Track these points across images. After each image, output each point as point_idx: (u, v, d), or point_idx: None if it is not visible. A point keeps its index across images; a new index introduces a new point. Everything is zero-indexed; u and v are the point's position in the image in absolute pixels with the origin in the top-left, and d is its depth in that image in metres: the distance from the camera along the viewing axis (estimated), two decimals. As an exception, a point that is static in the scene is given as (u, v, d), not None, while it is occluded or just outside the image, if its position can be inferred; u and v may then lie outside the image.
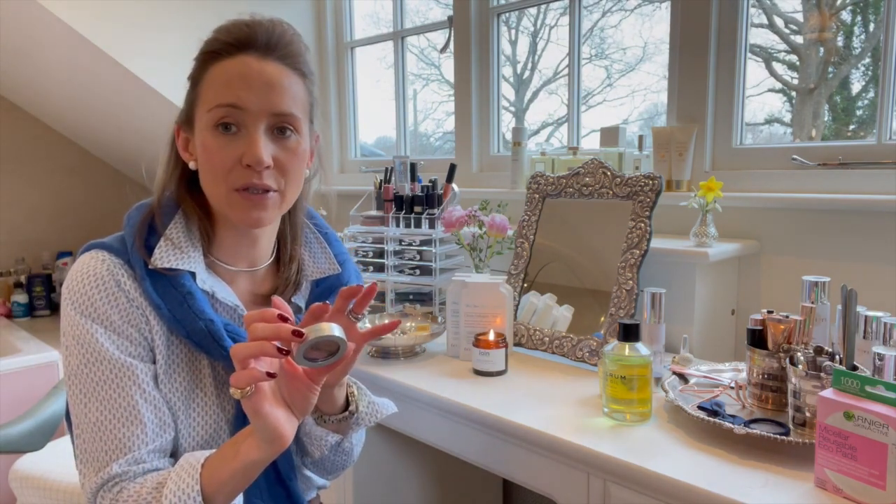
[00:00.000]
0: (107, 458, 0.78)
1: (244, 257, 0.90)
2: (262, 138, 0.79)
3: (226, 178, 0.80)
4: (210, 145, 0.80)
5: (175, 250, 0.83)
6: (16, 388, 2.16)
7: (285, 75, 0.81)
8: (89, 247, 0.85)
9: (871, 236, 1.32)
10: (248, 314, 0.71)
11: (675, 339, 1.36)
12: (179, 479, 0.74)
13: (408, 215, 1.72)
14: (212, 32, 0.83)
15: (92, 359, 0.79)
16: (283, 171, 0.82)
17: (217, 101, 0.79)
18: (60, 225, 3.03)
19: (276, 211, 0.84)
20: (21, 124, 2.90)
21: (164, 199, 0.88)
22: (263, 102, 0.79)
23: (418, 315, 1.57)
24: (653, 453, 0.94)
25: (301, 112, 0.83)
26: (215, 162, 0.80)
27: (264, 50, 0.80)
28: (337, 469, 0.98)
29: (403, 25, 2.41)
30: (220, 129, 0.80)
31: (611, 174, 1.40)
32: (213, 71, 0.81)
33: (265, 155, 0.79)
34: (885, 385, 0.79)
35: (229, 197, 0.81)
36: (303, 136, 0.84)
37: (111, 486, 0.77)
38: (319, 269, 0.96)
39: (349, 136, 2.64)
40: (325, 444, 0.91)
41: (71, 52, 2.11)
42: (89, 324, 0.80)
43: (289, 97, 0.81)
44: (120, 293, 0.81)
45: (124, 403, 0.79)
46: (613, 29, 1.95)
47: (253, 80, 0.79)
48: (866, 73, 1.50)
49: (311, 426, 0.91)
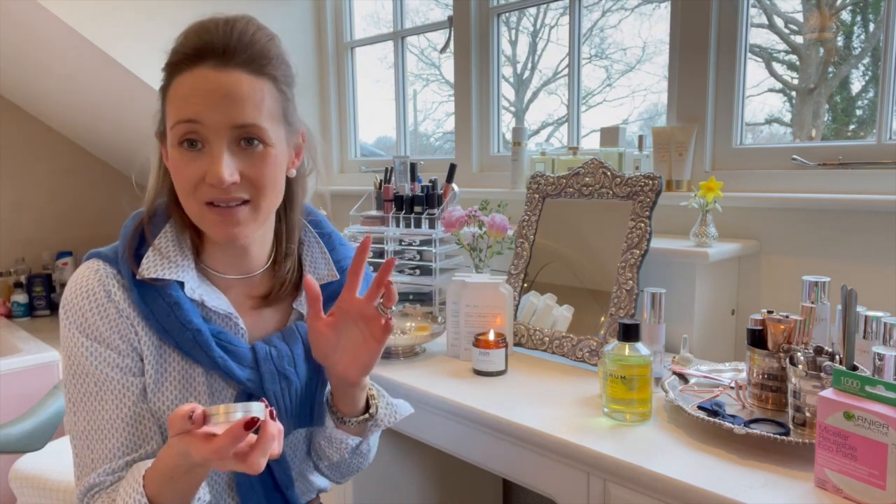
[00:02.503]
0: (91, 466, 0.80)
1: (235, 266, 0.89)
2: (224, 155, 0.76)
3: (194, 194, 0.78)
4: (176, 162, 0.78)
5: (162, 260, 0.83)
6: (16, 388, 2.16)
7: (246, 83, 0.76)
8: (88, 256, 0.86)
9: (871, 236, 1.32)
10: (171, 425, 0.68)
11: (675, 339, 1.36)
12: (127, 485, 0.75)
13: (408, 215, 1.72)
14: (175, 39, 0.79)
15: (77, 372, 0.82)
16: (253, 184, 0.78)
17: (177, 117, 0.76)
18: (60, 225, 3.03)
19: (251, 224, 0.81)
20: (21, 124, 2.90)
21: (155, 209, 0.87)
22: (223, 116, 0.75)
23: (418, 315, 1.57)
24: (653, 453, 0.94)
25: (269, 119, 0.78)
26: (182, 179, 0.78)
27: (221, 58, 0.75)
28: (352, 471, 0.98)
29: (403, 25, 2.41)
30: (185, 145, 0.77)
31: (611, 174, 1.40)
32: (175, 84, 0.77)
33: (226, 174, 0.75)
34: (885, 385, 0.79)
35: (201, 212, 0.79)
36: (274, 143, 0.79)
37: (92, 494, 0.80)
38: (318, 276, 0.93)
39: (349, 136, 2.64)
40: (345, 447, 0.91)
41: (71, 51, 2.11)
42: (78, 336, 0.81)
43: (251, 106, 0.76)
44: (110, 304, 0.82)
45: (106, 416, 0.81)
46: (613, 29, 1.95)
47: (210, 93, 0.75)
48: (866, 73, 1.50)
49: (331, 430, 0.91)
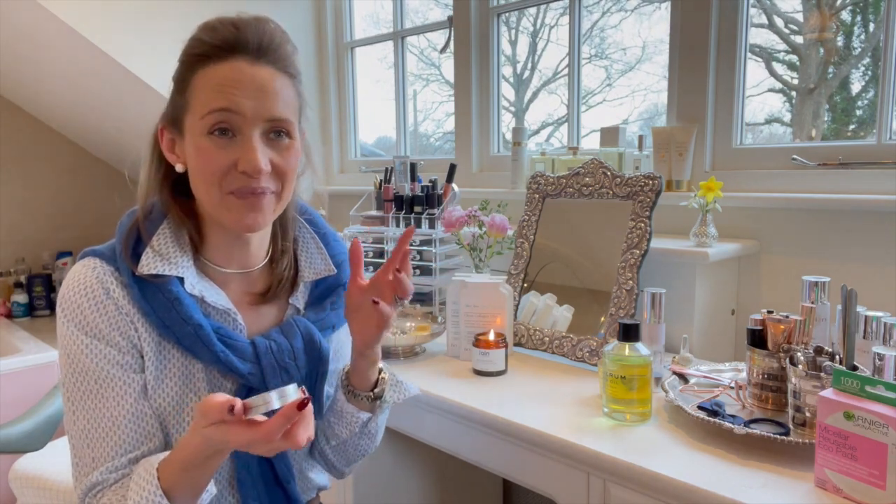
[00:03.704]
0: (92, 466, 0.80)
1: (236, 260, 0.89)
2: (258, 145, 0.79)
3: (220, 183, 0.79)
4: (205, 149, 0.79)
5: (160, 257, 0.83)
6: (16, 388, 2.16)
7: (277, 79, 0.80)
8: (83, 254, 0.86)
9: (871, 236, 1.32)
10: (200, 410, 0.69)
11: (675, 339, 1.36)
12: (139, 478, 0.75)
13: (408, 215, 1.72)
14: (196, 32, 0.81)
15: (77, 369, 0.81)
16: (280, 175, 0.82)
17: (211, 105, 0.78)
18: (60, 225, 3.03)
19: (270, 214, 0.83)
20: (21, 124, 2.90)
21: (150, 207, 0.87)
22: (258, 108, 0.78)
23: (418, 315, 1.57)
24: (653, 453, 0.94)
25: (293, 115, 0.83)
26: (210, 166, 0.79)
27: (255, 54, 0.79)
28: (359, 454, 0.99)
29: (403, 25, 2.41)
30: (217, 133, 0.78)
31: (611, 174, 1.40)
32: (204, 75, 0.79)
33: (263, 163, 0.78)
34: (885, 385, 0.79)
35: (224, 201, 0.80)
36: (295, 137, 0.83)
37: (95, 493, 0.80)
38: (315, 271, 0.95)
39: (349, 136, 2.64)
40: (355, 422, 0.93)
41: (71, 51, 2.11)
42: (77, 334, 0.81)
43: (281, 101, 0.80)
44: (108, 301, 0.81)
45: (107, 414, 0.80)
46: (613, 29, 1.95)
47: (247, 85, 0.78)
48: (866, 73, 1.50)
49: (342, 403, 0.93)
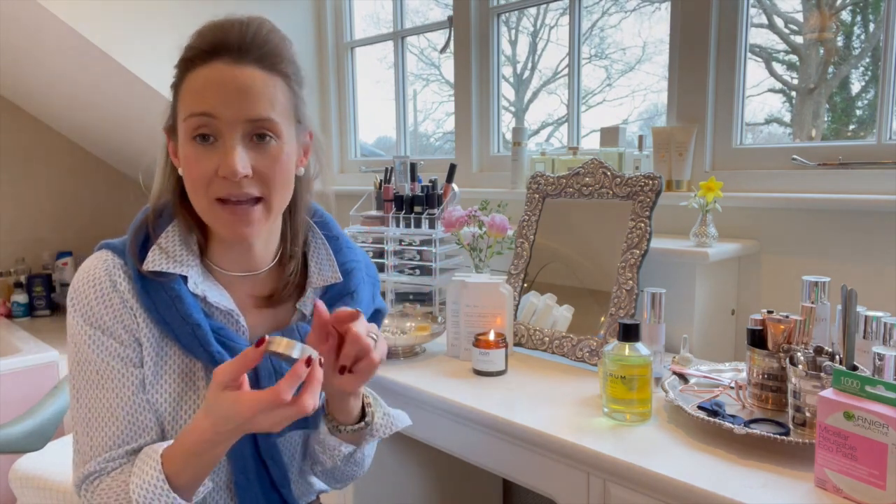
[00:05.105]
0: (90, 454, 0.82)
1: (240, 263, 0.89)
2: (237, 148, 0.77)
3: (206, 190, 0.79)
4: (189, 156, 0.79)
5: (165, 255, 0.83)
6: (16, 388, 2.16)
7: (260, 79, 0.78)
8: (99, 247, 0.87)
9: (870, 236, 1.31)
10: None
11: (675, 339, 1.36)
12: (143, 463, 0.77)
13: (408, 215, 1.72)
14: (189, 37, 0.80)
15: (81, 359, 0.83)
16: (265, 179, 0.80)
17: (191, 110, 0.77)
18: (60, 225, 3.03)
19: (262, 223, 0.82)
20: (21, 124, 2.90)
21: (161, 207, 0.88)
22: (237, 110, 0.77)
23: (418, 315, 1.57)
24: (653, 453, 0.94)
25: (281, 115, 0.80)
26: (194, 173, 0.79)
27: (237, 54, 0.77)
28: (346, 479, 0.98)
29: (403, 25, 2.41)
30: (198, 139, 0.78)
31: (611, 174, 1.40)
32: (189, 79, 0.79)
33: (239, 166, 0.76)
34: (885, 385, 0.79)
35: (212, 208, 0.80)
36: (285, 139, 0.81)
37: (91, 480, 0.81)
38: (323, 278, 0.93)
39: (349, 136, 2.64)
40: (337, 455, 0.91)
41: (71, 52, 2.11)
42: (82, 324, 0.82)
43: (265, 102, 0.78)
44: (114, 294, 0.82)
45: (105, 405, 0.82)
46: (613, 29, 1.95)
47: (225, 87, 0.76)
48: (866, 73, 1.50)
49: (324, 435, 0.90)
